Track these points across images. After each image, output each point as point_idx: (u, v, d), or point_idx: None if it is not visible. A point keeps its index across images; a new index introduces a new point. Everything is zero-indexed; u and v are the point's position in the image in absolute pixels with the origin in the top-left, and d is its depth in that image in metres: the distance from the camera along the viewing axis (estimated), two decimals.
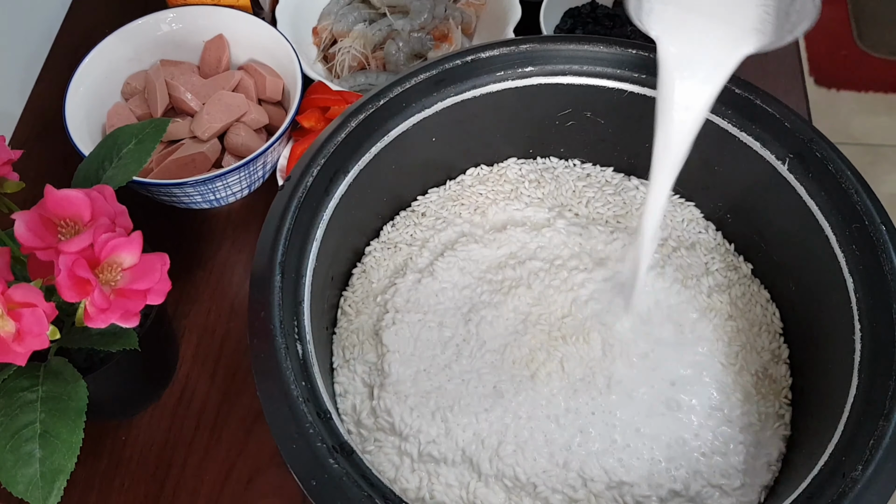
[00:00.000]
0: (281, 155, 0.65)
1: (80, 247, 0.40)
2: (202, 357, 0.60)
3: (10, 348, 0.40)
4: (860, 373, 0.42)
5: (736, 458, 0.46)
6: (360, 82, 0.71)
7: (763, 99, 0.49)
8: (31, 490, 0.42)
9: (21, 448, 0.42)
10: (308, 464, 0.37)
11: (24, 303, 0.40)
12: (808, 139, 0.47)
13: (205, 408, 0.58)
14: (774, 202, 0.49)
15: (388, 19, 0.73)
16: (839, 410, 0.41)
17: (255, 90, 0.67)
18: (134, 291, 0.42)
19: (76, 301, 0.41)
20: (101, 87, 0.66)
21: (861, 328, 0.43)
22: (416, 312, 0.50)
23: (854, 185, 0.45)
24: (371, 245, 0.55)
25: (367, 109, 0.49)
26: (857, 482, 0.37)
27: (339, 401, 0.49)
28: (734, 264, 0.54)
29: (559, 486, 0.44)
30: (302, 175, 0.46)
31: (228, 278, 0.64)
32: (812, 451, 0.42)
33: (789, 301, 0.51)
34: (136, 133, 0.52)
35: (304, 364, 0.40)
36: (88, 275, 0.40)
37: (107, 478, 0.55)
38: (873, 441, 0.38)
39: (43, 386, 0.45)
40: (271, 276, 0.42)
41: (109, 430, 0.57)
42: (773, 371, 0.49)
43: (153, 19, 0.68)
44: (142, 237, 0.42)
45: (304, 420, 0.38)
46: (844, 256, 0.45)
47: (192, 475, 0.55)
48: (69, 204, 0.42)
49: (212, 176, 0.59)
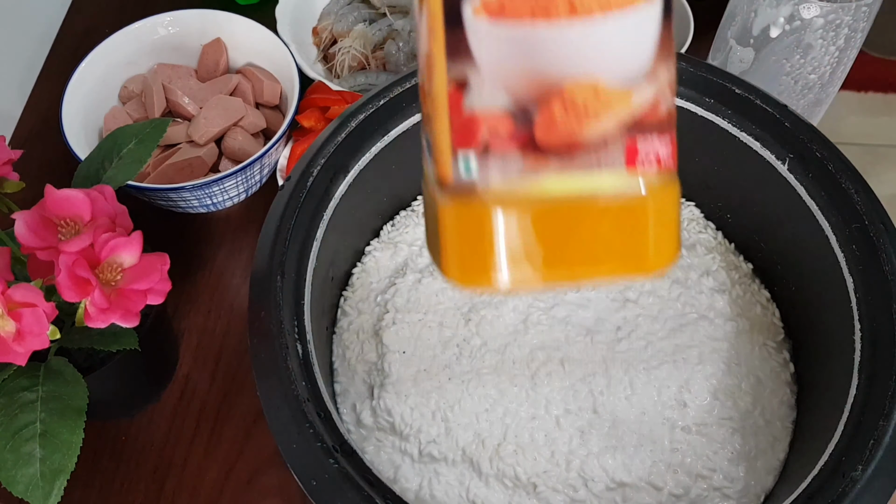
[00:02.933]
0: (281, 155, 0.65)
1: (81, 247, 0.40)
2: (202, 357, 0.60)
3: (11, 348, 0.40)
4: (860, 373, 0.41)
5: (737, 461, 0.46)
6: (360, 82, 0.71)
7: (763, 99, 0.49)
8: (32, 490, 0.42)
9: (21, 448, 0.42)
10: (308, 463, 0.37)
11: (24, 303, 0.40)
12: (808, 139, 0.47)
13: (205, 408, 0.58)
14: (774, 202, 0.49)
15: (388, 19, 0.73)
16: (839, 410, 0.41)
17: (253, 94, 0.67)
18: (134, 291, 0.42)
19: (76, 301, 0.41)
20: (98, 90, 0.66)
21: (861, 328, 0.43)
22: (416, 312, 0.50)
23: (854, 185, 0.45)
24: (371, 245, 0.55)
25: (367, 109, 0.49)
26: (857, 482, 0.37)
27: (339, 401, 0.49)
28: (734, 264, 0.54)
29: (560, 487, 0.44)
30: (302, 175, 0.46)
31: (228, 279, 0.64)
32: (812, 452, 0.42)
33: (789, 301, 0.51)
34: (135, 133, 0.52)
35: (304, 364, 0.40)
36: (88, 275, 0.40)
37: (107, 478, 0.55)
38: (873, 441, 0.38)
39: (43, 386, 0.45)
40: (271, 276, 0.42)
41: (109, 430, 0.57)
42: (773, 372, 0.49)
43: (150, 23, 0.68)
44: (142, 237, 0.42)
45: (305, 420, 0.38)
46: (844, 256, 0.44)
47: (192, 475, 0.55)
48: (69, 204, 0.43)
49: (209, 181, 0.59)
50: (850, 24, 0.53)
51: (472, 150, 0.27)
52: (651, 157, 0.28)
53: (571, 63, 0.27)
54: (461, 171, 0.27)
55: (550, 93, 0.27)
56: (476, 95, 0.27)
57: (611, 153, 0.27)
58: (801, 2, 0.52)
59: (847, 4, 0.52)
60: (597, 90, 0.27)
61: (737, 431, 0.46)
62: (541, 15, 0.26)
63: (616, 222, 0.28)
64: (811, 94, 0.59)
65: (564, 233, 0.28)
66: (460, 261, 0.28)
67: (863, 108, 0.77)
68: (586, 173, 0.27)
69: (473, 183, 0.27)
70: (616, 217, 0.28)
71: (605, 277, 0.29)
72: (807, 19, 0.53)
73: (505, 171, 0.27)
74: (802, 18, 0.53)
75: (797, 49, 0.55)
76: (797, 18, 0.54)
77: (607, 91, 0.27)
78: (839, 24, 0.53)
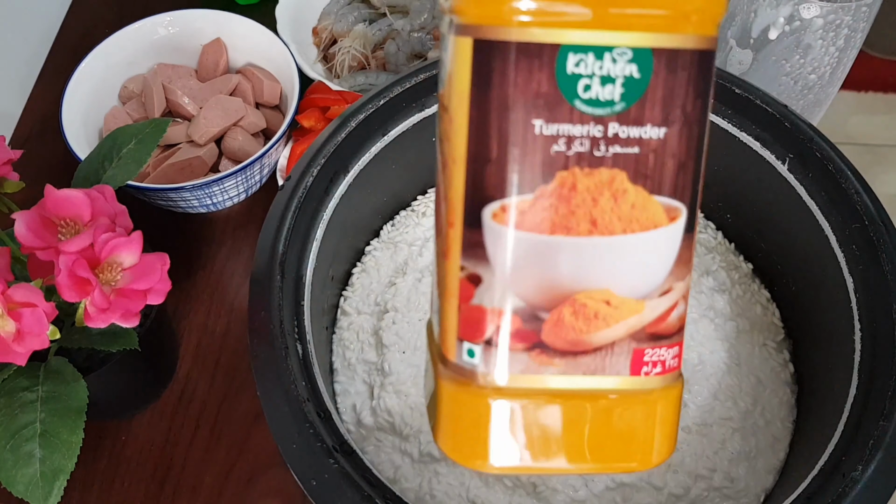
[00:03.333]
0: (281, 155, 0.65)
1: (81, 246, 0.40)
2: (202, 357, 0.60)
3: (11, 348, 0.40)
4: (860, 373, 0.41)
5: (737, 461, 0.46)
6: (359, 82, 0.71)
7: (763, 99, 0.49)
8: (32, 490, 0.42)
9: (21, 448, 0.42)
10: (308, 464, 0.37)
11: (24, 303, 0.40)
12: (808, 139, 0.47)
13: (205, 408, 0.58)
14: (774, 202, 0.49)
15: (388, 19, 0.73)
16: (839, 410, 0.41)
17: (253, 94, 0.67)
18: (134, 291, 0.42)
19: (76, 301, 0.41)
20: (98, 90, 0.66)
21: (861, 328, 0.43)
22: (416, 312, 0.50)
23: (854, 185, 0.45)
24: (371, 245, 0.55)
25: (367, 109, 0.49)
26: (857, 482, 0.37)
27: (339, 400, 0.49)
28: (734, 264, 0.54)
29: (559, 486, 0.44)
30: (302, 175, 0.46)
31: (228, 279, 0.64)
32: (812, 452, 0.41)
33: (789, 301, 0.51)
34: (135, 133, 0.52)
35: (304, 364, 0.40)
36: (88, 275, 0.40)
37: (107, 478, 0.55)
38: (873, 441, 0.38)
39: (43, 386, 0.45)
40: (271, 275, 0.42)
41: (109, 430, 0.57)
42: (773, 372, 0.49)
43: (150, 23, 0.68)
44: (142, 237, 0.42)
45: (304, 420, 0.38)
46: (844, 256, 0.44)
47: (192, 475, 0.55)
48: (69, 204, 0.42)
49: (208, 181, 0.59)
50: (850, 24, 0.53)
51: (478, 339, 0.27)
52: (656, 364, 0.28)
53: (586, 276, 0.26)
54: (464, 357, 0.27)
55: (562, 299, 0.26)
56: (486, 293, 0.27)
57: (616, 360, 0.27)
58: (801, 1, 0.52)
59: (847, 4, 0.52)
60: (609, 300, 0.27)
61: (737, 431, 0.46)
62: (560, 230, 0.26)
63: (615, 421, 0.28)
64: (811, 95, 0.59)
65: (562, 428, 0.28)
66: (454, 438, 0.28)
67: (863, 108, 0.77)
68: (589, 374, 0.27)
69: (474, 372, 0.27)
70: (615, 416, 0.28)
71: (600, 471, 0.29)
72: (806, 19, 0.53)
73: (507, 366, 0.27)
74: (802, 19, 0.53)
75: (797, 49, 0.55)
76: (797, 19, 0.54)
77: (619, 300, 0.27)
78: (839, 24, 0.53)
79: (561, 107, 0.25)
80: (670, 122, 0.26)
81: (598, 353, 0.27)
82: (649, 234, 0.26)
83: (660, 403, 0.28)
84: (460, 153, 0.26)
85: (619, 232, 0.26)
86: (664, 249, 0.27)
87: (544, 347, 0.27)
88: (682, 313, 0.28)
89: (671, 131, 0.26)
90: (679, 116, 0.26)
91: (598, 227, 0.26)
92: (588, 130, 0.25)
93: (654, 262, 0.27)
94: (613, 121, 0.25)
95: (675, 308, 0.27)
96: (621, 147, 0.25)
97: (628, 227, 0.26)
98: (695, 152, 0.26)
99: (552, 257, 0.26)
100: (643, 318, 0.27)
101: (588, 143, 0.25)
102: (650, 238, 0.26)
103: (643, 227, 0.26)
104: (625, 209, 0.26)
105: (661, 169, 0.26)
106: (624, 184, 0.26)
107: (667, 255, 0.27)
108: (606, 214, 0.26)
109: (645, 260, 0.27)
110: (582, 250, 0.26)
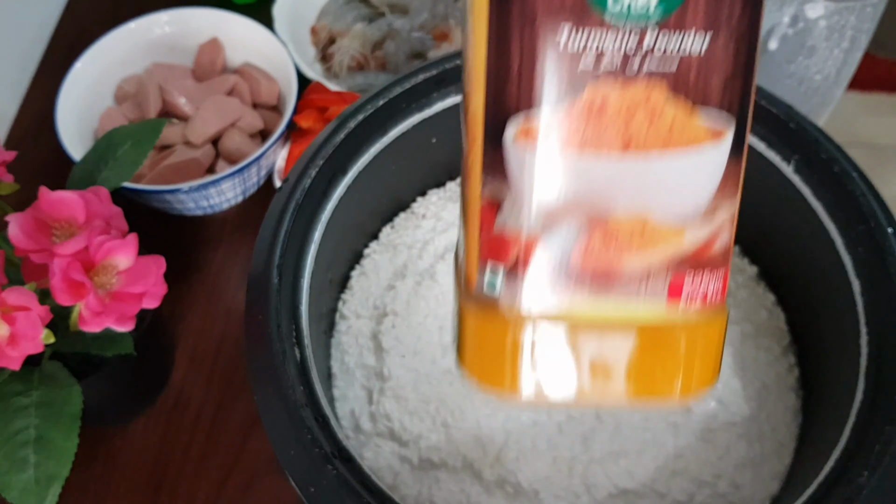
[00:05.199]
0: (279, 156, 0.64)
1: (75, 249, 0.40)
2: (198, 361, 0.60)
3: (4, 352, 0.40)
4: (866, 377, 0.41)
5: (742, 467, 0.45)
6: (358, 82, 0.70)
7: (768, 100, 0.48)
8: (26, 496, 0.42)
9: (15, 453, 0.42)
10: (306, 470, 0.37)
11: (18, 306, 0.40)
12: (813, 140, 0.46)
13: (201, 413, 0.58)
14: (779, 204, 0.49)
15: (387, 18, 0.73)
16: (845, 416, 0.41)
17: (250, 94, 0.67)
18: (129, 295, 0.42)
19: (71, 304, 0.40)
20: (93, 91, 0.65)
21: (867, 332, 0.42)
22: (416, 316, 0.50)
23: (860, 187, 0.45)
24: (370, 247, 0.55)
25: (367, 110, 0.48)
26: (864, 488, 0.37)
27: (338, 406, 0.49)
28: (739, 266, 0.53)
29: (562, 493, 0.44)
30: (300, 176, 0.45)
31: (225, 282, 0.64)
32: (818, 457, 0.41)
33: (795, 305, 0.51)
34: (131, 134, 0.52)
35: (301, 368, 0.40)
36: (83, 278, 0.40)
37: (102, 484, 0.55)
38: (879, 446, 0.38)
39: (37, 391, 0.44)
40: (269, 279, 0.42)
41: (104, 436, 0.57)
42: (779, 377, 0.49)
43: (146, 22, 0.67)
44: (137, 240, 0.42)
45: (302, 425, 0.37)
46: (850, 258, 0.44)
47: (188, 481, 0.55)
48: (64, 206, 0.42)
49: (205, 182, 0.59)
50: (855, 25, 0.53)
51: (500, 267, 0.26)
52: (696, 294, 0.26)
53: (619, 198, 0.24)
54: (486, 284, 0.26)
55: (592, 223, 0.24)
56: (508, 216, 0.25)
57: (651, 289, 0.25)
58: (805, 0, 0.52)
59: (851, 5, 0.52)
60: (645, 226, 0.25)
61: (742, 437, 0.46)
62: (590, 147, 0.24)
63: (649, 354, 0.26)
64: (816, 96, 0.58)
65: (590, 356, 0.26)
66: (479, 364, 0.27)
67: (869, 110, 0.77)
68: (621, 302, 0.25)
69: (497, 299, 0.26)
70: (650, 346, 0.26)
71: (631, 403, 0.27)
72: (811, 20, 0.53)
73: (531, 292, 0.25)
74: (807, 19, 0.53)
75: (801, 51, 0.55)
76: (801, 20, 0.53)
77: (657, 228, 0.25)
78: (844, 25, 0.53)
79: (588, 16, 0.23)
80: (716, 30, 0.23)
81: (632, 280, 0.25)
82: (690, 153, 0.24)
83: (697, 336, 0.26)
84: (479, 68, 0.24)
85: (654, 149, 0.24)
86: (707, 171, 0.25)
87: (571, 273, 0.25)
88: (726, 242, 0.26)
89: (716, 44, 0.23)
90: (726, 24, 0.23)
91: (632, 144, 0.24)
92: (620, 43, 0.23)
93: (696, 185, 0.25)
94: (649, 32, 0.23)
95: (718, 236, 0.26)
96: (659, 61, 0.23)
97: (665, 143, 0.24)
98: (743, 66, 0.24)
99: (580, 177, 0.24)
100: (683, 244, 0.25)
101: (620, 56, 0.23)
102: (691, 158, 0.24)
103: (683, 145, 0.24)
104: (662, 127, 0.24)
105: (705, 82, 0.24)
106: (661, 100, 0.24)
107: (710, 178, 0.25)
108: (642, 132, 0.24)
109: (685, 182, 0.25)
110: (613, 168, 0.24)
